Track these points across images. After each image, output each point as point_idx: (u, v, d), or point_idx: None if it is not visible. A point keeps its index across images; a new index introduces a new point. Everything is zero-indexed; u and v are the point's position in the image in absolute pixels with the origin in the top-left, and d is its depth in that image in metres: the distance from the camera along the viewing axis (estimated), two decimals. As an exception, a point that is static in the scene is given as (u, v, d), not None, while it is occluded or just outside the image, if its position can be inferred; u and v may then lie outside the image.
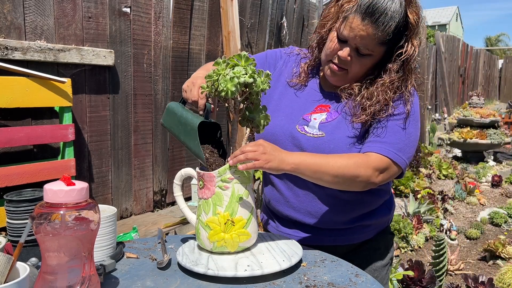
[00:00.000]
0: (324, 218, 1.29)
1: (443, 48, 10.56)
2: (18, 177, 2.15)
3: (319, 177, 1.12)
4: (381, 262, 1.37)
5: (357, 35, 1.15)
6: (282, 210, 1.34)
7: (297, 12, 4.90)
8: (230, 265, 1.03)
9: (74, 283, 0.81)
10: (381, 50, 1.19)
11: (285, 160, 1.09)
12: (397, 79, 1.20)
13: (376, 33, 1.13)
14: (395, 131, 1.18)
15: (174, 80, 3.28)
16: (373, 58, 1.20)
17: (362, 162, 1.13)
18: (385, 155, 1.15)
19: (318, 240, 1.32)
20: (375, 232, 1.36)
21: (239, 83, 1.03)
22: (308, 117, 1.28)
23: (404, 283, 2.28)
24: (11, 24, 2.27)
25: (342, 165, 1.11)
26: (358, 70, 1.22)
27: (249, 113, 1.13)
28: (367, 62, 1.21)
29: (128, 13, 2.88)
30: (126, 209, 3.02)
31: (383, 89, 1.20)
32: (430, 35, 15.39)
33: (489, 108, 9.43)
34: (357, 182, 1.13)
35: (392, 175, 1.18)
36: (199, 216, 1.12)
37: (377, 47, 1.17)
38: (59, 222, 0.79)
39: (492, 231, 4.03)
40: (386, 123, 1.19)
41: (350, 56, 1.19)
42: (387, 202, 1.38)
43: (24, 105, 2.19)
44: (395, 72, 1.20)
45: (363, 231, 1.33)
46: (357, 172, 1.12)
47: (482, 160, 6.73)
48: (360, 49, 1.18)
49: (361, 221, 1.31)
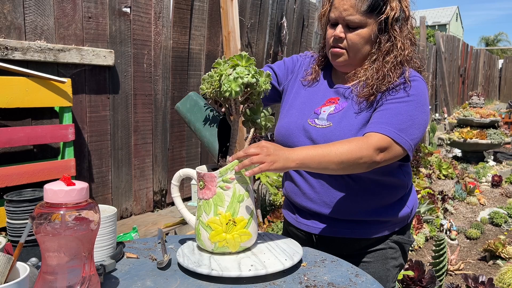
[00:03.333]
0: (339, 207, 1.31)
1: (443, 48, 10.56)
2: (18, 177, 2.15)
3: (325, 167, 1.15)
4: (394, 262, 1.38)
5: (341, 11, 1.26)
6: (300, 201, 1.37)
7: (297, 12, 4.90)
8: (233, 265, 1.03)
9: (74, 283, 0.81)
10: (369, 21, 1.26)
11: (290, 157, 1.10)
12: (388, 47, 1.27)
13: (356, 3, 1.23)
14: (397, 113, 1.21)
15: (174, 80, 3.28)
16: (365, 31, 1.27)
17: (363, 144, 1.15)
18: (386, 134, 1.17)
19: (335, 231, 1.34)
20: (392, 229, 1.36)
21: (243, 83, 1.03)
22: (319, 110, 1.35)
23: (404, 283, 2.28)
24: (11, 24, 2.27)
25: (344, 150, 1.14)
26: (355, 43, 1.28)
27: (252, 114, 1.13)
28: (360, 33, 1.28)
29: (128, 13, 2.88)
30: (126, 209, 3.02)
31: (383, 63, 1.27)
32: (430, 35, 15.39)
33: (489, 108, 9.43)
34: (361, 164, 1.16)
35: (395, 156, 1.20)
36: (199, 217, 1.12)
37: (363, 17, 1.25)
38: (59, 222, 0.79)
39: (492, 231, 4.03)
40: (388, 106, 1.24)
41: (343, 32, 1.28)
42: (405, 198, 1.38)
43: (24, 105, 2.19)
44: (385, 41, 1.28)
45: (380, 226, 1.34)
46: (359, 154, 1.14)
47: (482, 160, 6.72)
48: (349, 23, 1.26)
49: (377, 215, 1.32)
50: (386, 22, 1.26)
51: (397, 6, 1.26)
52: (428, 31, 14.30)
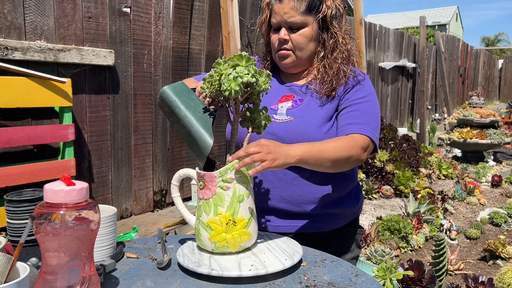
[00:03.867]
0: (296, 201, 1.36)
1: (443, 48, 10.56)
2: (18, 177, 2.15)
3: (320, 164, 1.20)
4: (350, 255, 1.45)
5: (282, 15, 1.33)
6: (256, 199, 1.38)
7: (297, 12, 4.90)
8: (234, 265, 1.03)
9: (74, 283, 0.81)
10: (309, 20, 1.34)
11: (289, 154, 1.12)
12: (332, 44, 1.36)
13: (295, 5, 1.31)
14: (366, 112, 1.33)
15: (174, 80, 3.28)
16: (307, 30, 1.35)
17: (353, 143, 1.25)
18: (366, 135, 1.28)
19: (291, 228, 1.38)
20: (344, 222, 1.43)
21: (242, 82, 1.03)
22: (275, 106, 1.40)
23: (404, 283, 2.28)
24: (11, 24, 2.27)
25: (337, 149, 1.21)
26: (300, 43, 1.35)
27: (250, 114, 1.13)
28: (303, 33, 1.35)
29: (128, 13, 2.88)
30: (126, 209, 3.02)
31: (333, 60, 1.36)
32: (430, 35, 15.39)
33: (489, 108, 9.43)
34: (350, 162, 1.25)
35: (370, 151, 1.32)
36: (199, 217, 1.12)
37: (304, 17, 1.33)
38: (59, 222, 0.79)
39: (492, 231, 4.03)
40: (357, 106, 1.34)
41: (287, 34, 1.35)
42: (355, 192, 1.46)
43: (24, 105, 2.19)
44: (328, 39, 1.36)
45: (333, 219, 1.40)
46: (350, 153, 1.23)
47: (482, 160, 6.72)
48: (292, 25, 1.33)
49: (330, 208, 1.38)
50: (324, 20, 1.35)
51: (332, 4, 1.35)
52: (428, 31, 14.31)
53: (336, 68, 1.36)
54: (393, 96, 8.23)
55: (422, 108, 8.56)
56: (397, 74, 8.27)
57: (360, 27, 6.10)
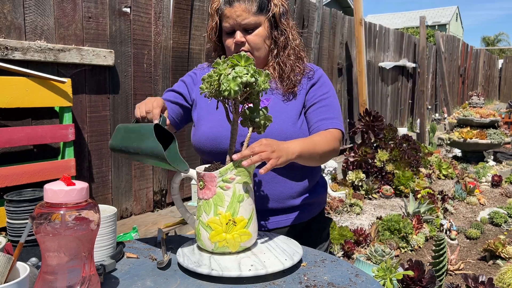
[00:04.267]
0: (279, 198, 1.40)
1: (443, 48, 10.56)
2: (18, 177, 2.15)
3: (312, 158, 1.28)
4: (326, 244, 1.55)
5: (235, 18, 1.35)
6: None
7: (297, 12, 4.90)
8: (233, 265, 1.03)
9: (74, 283, 0.81)
10: (261, 20, 1.37)
11: (290, 150, 1.17)
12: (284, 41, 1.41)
13: (246, 6, 1.34)
14: (333, 107, 1.43)
15: (174, 80, 3.27)
16: (261, 30, 1.38)
17: (332, 137, 1.35)
18: (339, 128, 1.39)
19: (276, 223, 1.41)
20: (318, 210, 1.52)
21: (242, 82, 1.03)
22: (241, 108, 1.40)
23: (404, 283, 2.28)
24: (11, 24, 2.27)
25: (323, 142, 1.30)
26: (256, 43, 1.38)
27: (250, 113, 1.13)
28: (258, 33, 1.38)
29: (128, 13, 2.88)
30: (126, 209, 3.02)
31: (286, 57, 1.41)
32: (430, 35, 15.39)
33: (489, 108, 9.43)
34: (333, 153, 1.36)
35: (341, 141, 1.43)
36: (199, 217, 1.12)
37: (256, 17, 1.36)
38: (59, 222, 0.79)
39: (492, 231, 4.03)
40: (324, 102, 1.42)
41: (243, 37, 1.37)
42: (321, 181, 1.55)
43: (24, 105, 2.19)
44: (279, 36, 1.40)
45: (309, 209, 1.47)
46: (333, 146, 1.34)
47: (482, 160, 6.72)
48: (246, 26, 1.36)
49: (307, 199, 1.45)
50: (274, 18, 1.39)
51: (279, 2, 1.39)
52: (428, 31, 14.31)
53: (290, 64, 1.41)
54: (393, 96, 8.23)
55: (422, 108, 8.55)
56: (397, 74, 8.27)
57: (360, 27, 6.10)
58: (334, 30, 5.92)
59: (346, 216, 4.09)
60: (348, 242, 3.16)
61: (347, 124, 6.42)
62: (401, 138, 5.58)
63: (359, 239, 3.27)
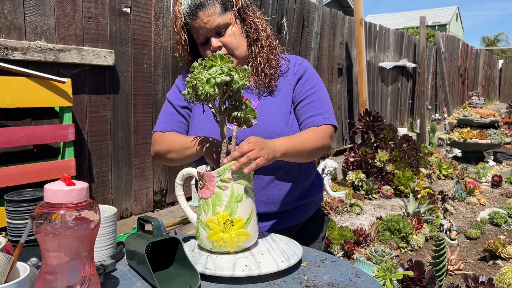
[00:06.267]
0: (276, 202, 1.40)
1: (443, 48, 10.56)
2: (18, 177, 2.16)
3: (300, 155, 1.26)
4: (322, 235, 1.57)
5: (203, 26, 1.33)
6: None
7: (297, 12, 4.90)
8: (228, 265, 1.04)
9: (74, 283, 0.81)
10: (229, 17, 1.35)
11: (276, 148, 1.16)
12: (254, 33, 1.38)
13: (210, 11, 1.32)
14: (322, 101, 1.40)
15: (174, 80, 3.27)
16: (233, 27, 1.37)
17: (323, 133, 1.33)
18: (330, 123, 1.37)
19: (276, 225, 1.41)
20: (315, 209, 1.53)
21: (216, 83, 1.03)
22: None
23: (404, 283, 2.28)
24: (11, 24, 2.27)
25: (311, 140, 1.28)
26: (233, 42, 1.36)
27: (234, 110, 1.11)
28: (232, 32, 1.36)
29: (128, 13, 2.88)
30: (126, 209, 3.02)
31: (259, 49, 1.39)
32: (430, 35, 15.38)
33: (489, 108, 9.43)
34: (323, 150, 1.34)
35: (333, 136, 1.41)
36: (199, 216, 1.12)
37: (224, 17, 1.34)
38: (59, 222, 0.79)
39: (492, 231, 4.03)
40: (313, 97, 1.39)
41: (218, 41, 1.36)
42: (317, 179, 1.55)
43: (24, 105, 2.19)
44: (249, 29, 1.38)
45: (306, 208, 1.48)
46: (323, 143, 1.32)
47: (482, 160, 6.72)
48: (217, 29, 1.35)
49: (303, 199, 1.45)
50: (239, 12, 1.37)
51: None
52: (428, 31, 14.31)
53: (265, 57, 1.39)
54: (393, 96, 8.23)
55: (422, 108, 8.55)
56: (397, 74, 8.26)
57: (360, 27, 6.10)
58: (334, 30, 5.92)
59: (346, 216, 4.09)
60: (348, 242, 3.16)
61: (347, 124, 6.42)
62: (401, 138, 5.58)
63: (359, 239, 3.27)
